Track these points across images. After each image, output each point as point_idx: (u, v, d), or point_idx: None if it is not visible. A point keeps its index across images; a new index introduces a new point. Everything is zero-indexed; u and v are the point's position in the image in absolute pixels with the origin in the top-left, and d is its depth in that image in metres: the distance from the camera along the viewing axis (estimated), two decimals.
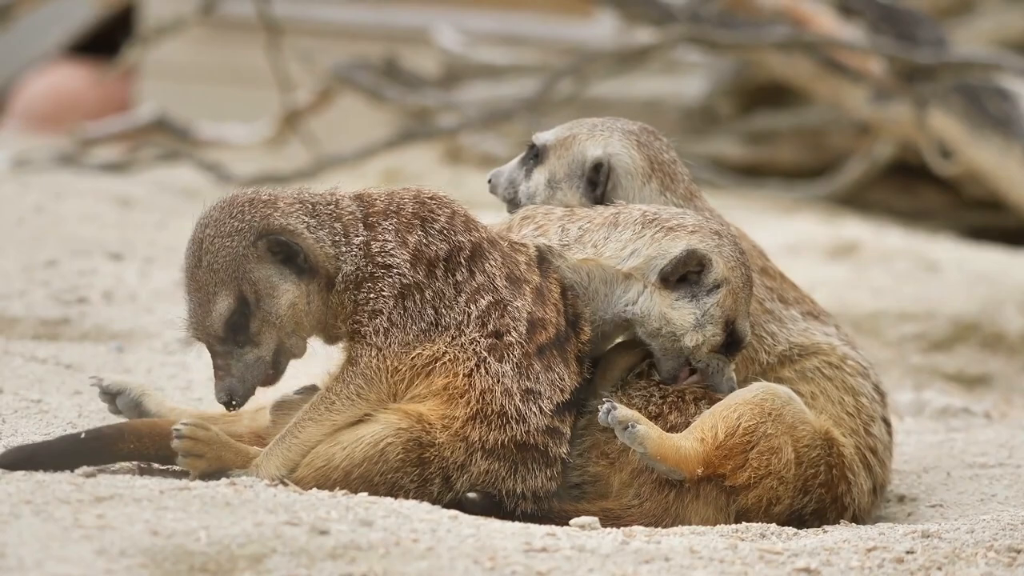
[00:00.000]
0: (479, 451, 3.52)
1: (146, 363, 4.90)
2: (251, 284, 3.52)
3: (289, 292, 3.54)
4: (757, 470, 3.66)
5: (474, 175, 9.46)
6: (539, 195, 3.93)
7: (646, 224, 3.75)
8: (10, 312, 5.43)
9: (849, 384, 3.91)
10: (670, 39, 7.32)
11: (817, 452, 3.75)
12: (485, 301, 3.60)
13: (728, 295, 3.70)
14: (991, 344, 6.51)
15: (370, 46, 11.45)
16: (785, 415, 3.71)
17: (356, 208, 3.63)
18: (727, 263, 3.70)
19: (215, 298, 3.52)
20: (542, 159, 3.95)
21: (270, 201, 3.58)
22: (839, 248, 7.96)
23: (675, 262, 3.69)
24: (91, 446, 3.57)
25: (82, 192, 8.41)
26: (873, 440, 3.89)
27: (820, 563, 3.16)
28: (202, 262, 3.54)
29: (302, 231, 3.55)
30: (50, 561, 2.76)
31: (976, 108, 6.92)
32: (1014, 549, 3.24)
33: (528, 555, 3.05)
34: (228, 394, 3.53)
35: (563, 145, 3.95)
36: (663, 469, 3.60)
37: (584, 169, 3.93)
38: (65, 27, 14.52)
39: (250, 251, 3.52)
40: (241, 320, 3.53)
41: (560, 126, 4.00)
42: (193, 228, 3.59)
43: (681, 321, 3.70)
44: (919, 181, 10.07)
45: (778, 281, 3.99)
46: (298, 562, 2.90)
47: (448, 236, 3.63)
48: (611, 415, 3.56)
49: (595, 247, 3.75)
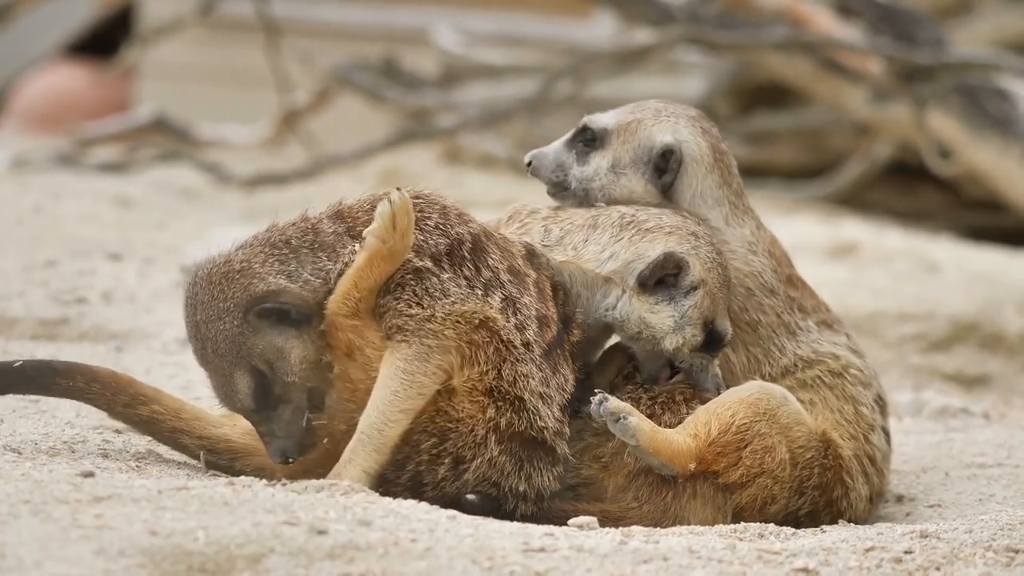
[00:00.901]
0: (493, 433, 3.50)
1: (145, 363, 4.90)
2: (258, 356, 3.51)
3: (295, 348, 3.52)
4: (750, 468, 3.65)
5: (473, 175, 9.47)
6: (598, 180, 3.86)
7: (624, 226, 3.73)
8: (9, 312, 5.43)
9: (849, 393, 3.88)
10: (669, 39, 7.32)
11: (812, 454, 3.74)
12: (498, 296, 3.57)
13: (706, 296, 3.69)
14: (990, 344, 6.51)
15: (369, 46, 11.45)
16: (780, 415, 3.70)
17: (338, 227, 3.60)
18: (704, 264, 3.69)
19: (232, 378, 3.52)
20: (603, 143, 3.87)
21: (245, 268, 3.53)
22: (838, 248, 7.96)
23: (652, 265, 3.67)
24: (31, 374, 3.58)
25: (81, 192, 8.41)
26: (872, 448, 3.87)
27: (818, 563, 3.16)
28: (206, 347, 3.53)
29: (284, 285, 3.52)
30: (49, 561, 2.76)
31: (975, 108, 6.92)
32: (1012, 549, 3.24)
33: (526, 555, 3.04)
34: (282, 455, 3.53)
35: (627, 130, 3.87)
36: (655, 463, 3.59)
37: (651, 155, 3.86)
38: (64, 27, 14.52)
39: (244, 328, 3.50)
40: (264, 389, 3.52)
41: (618, 109, 3.92)
42: (184, 306, 3.58)
43: (660, 325, 3.68)
44: (918, 181, 10.07)
45: (800, 290, 3.95)
46: (296, 562, 2.90)
47: (445, 230, 3.60)
48: (603, 407, 3.55)
49: (575, 249, 3.73)
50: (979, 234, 9.65)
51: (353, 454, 3.48)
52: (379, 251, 3.51)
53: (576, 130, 3.91)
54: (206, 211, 8.82)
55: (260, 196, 9.28)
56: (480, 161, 10.46)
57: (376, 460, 3.47)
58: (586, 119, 3.91)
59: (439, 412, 3.50)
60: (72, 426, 3.87)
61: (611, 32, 11.61)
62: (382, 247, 3.50)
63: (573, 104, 8.71)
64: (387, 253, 3.51)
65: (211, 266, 3.56)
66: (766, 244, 3.94)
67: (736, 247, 3.87)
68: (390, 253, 3.51)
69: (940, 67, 6.85)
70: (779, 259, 3.94)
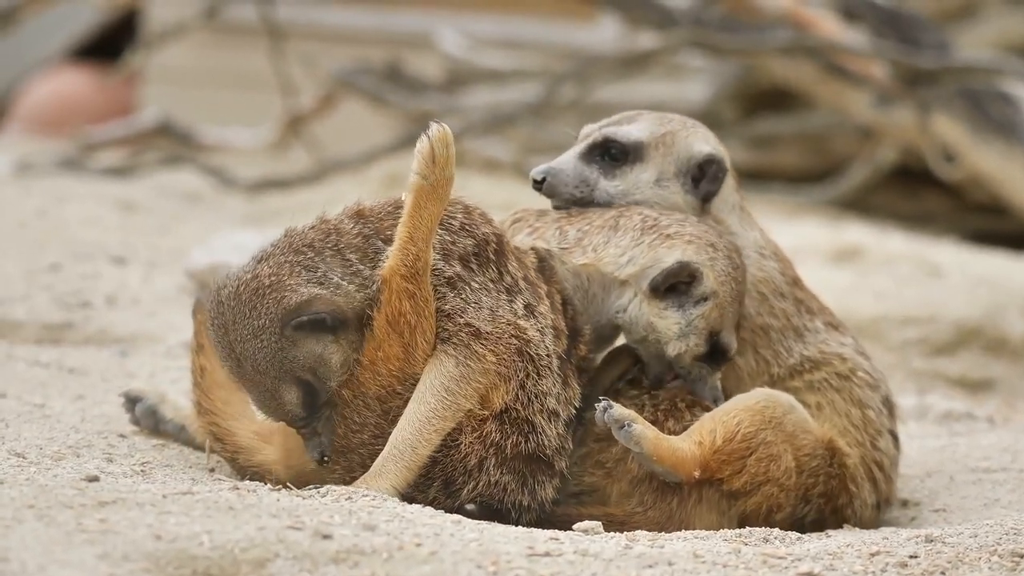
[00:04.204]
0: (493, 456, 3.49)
1: (149, 367, 4.90)
2: (301, 367, 3.45)
3: (335, 354, 3.46)
4: (755, 476, 3.64)
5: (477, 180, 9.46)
6: (639, 194, 3.79)
7: (645, 230, 3.71)
8: (13, 316, 5.44)
9: (857, 396, 3.86)
10: (673, 43, 7.32)
11: (818, 462, 3.73)
12: (520, 303, 3.55)
13: (715, 308, 3.67)
14: (994, 348, 6.51)
15: (373, 50, 11.46)
16: (785, 423, 3.69)
17: (363, 228, 3.53)
18: (718, 277, 3.68)
19: (279, 393, 3.47)
20: (639, 157, 3.79)
21: (275, 282, 3.45)
22: (842, 252, 7.96)
23: (665, 273, 3.65)
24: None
25: (85, 196, 8.42)
26: (879, 454, 3.86)
27: (823, 567, 3.16)
28: (244, 365, 3.46)
29: (316, 292, 3.45)
30: (53, 566, 2.76)
31: (979, 112, 6.91)
32: (1017, 554, 3.24)
33: (531, 559, 3.04)
34: (320, 452, 3.49)
35: (663, 142, 3.81)
36: (659, 470, 3.59)
37: (690, 166, 3.81)
38: (68, 32, 14.53)
39: (283, 343, 3.43)
40: (312, 397, 3.47)
41: (638, 123, 3.83)
42: (210, 325, 3.50)
43: (666, 330, 3.67)
44: (922, 185, 10.07)
45: (805, 292, 3.93)
46: (301, 566, 2.90)
47: (471, 231, 3.55)
48: (607, 413, 3.54)
49: (595, 251, 3.71)
50: (983, 238, 9.65)
51: (384, 467, 3.44)
52: (422, 189, 3.42)
53: (592, 144, 3.80)
54: (210, 215, 8.83)
55: (264, 200, 9.29)
56: (484, 165, 10.46)
57: (406, 478, 3.44)
58: (608, 132, 3.81)
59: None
60: (77, 430, 3.87)
61: (615, 36, 11.62)
62: (424, 184, 3.42)
63: (576, 108, 8.71)
64: (430, 189, 3.42)
65: (237, 284, 3.47)
66: (773, 247, 3.94)
67: (749, 252, 3.86)
68: (433, 189, 3.42)
69: (944, 71, 6.84)
70: (785, 262, 3.94)
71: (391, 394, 3.47)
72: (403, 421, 3.44)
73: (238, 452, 3.69)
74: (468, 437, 3.46)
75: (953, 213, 10.16)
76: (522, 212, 3.85)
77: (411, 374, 3.46)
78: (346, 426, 3.49)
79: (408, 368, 3.46)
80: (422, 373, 3.45)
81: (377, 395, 3.47)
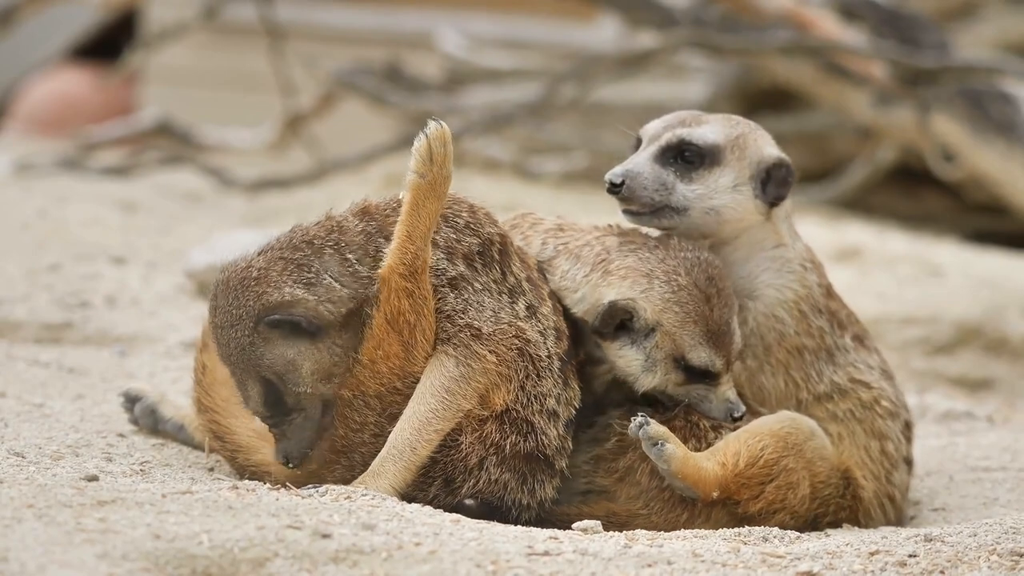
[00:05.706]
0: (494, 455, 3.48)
1: (148, 367, 4.90)
2: (268, 368, 3.45)
3: (307, 360, 3.45)
4: (772, 503, 3.63)
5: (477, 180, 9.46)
6: (717, 199, 3.71)
7: (595, 265, 3.64)
8: (13, 316, 5.44)
9: (878, 428, 3.81)
10: (672, 43, 7.32)
11: (831, 490, 3.72)
12: (523, 304, 3.55)
13: (664, 336, 3.59)
14: (994, 348, 6.51)
15: (373, 50, 11.45)
16: (806, 450, 3.67)
17: (367, 225, 3.52)
18: (655, 306, 3.58)
19: (246, 385, 3.48)
20: (716, 160, 3.71)
21: (262, 275, 3.45)
22: (842, 252, 7.96)
23: (601, 318, 3.58)
24: None
25: (85, 196, 8.42)
26: (892, 488, 3.83)
27: (823, 567, 3.16)
28: (222, 351, 3.49)
29: (300, 295, 3.44)
30: (53, 565, 2.76)
31: (979, 112, 6.91)
32: (1017, 553, 3.24)
33: (530, 559, 3.04)
34: (284, 456, 3.49)
35: (738, 145, 3.74)
36: (680, 486, 3.58)
37: (758, 170, 3.76)
38: (68, 32, 14.53)
39: (254, 338, 3.44)
40: (275, 397, 3.47)
41: (711, 124, 3.75)
42: (208, 308, 3.54)
43: (629, 368, 3.62)
44: (922, 185, 10.06)
45: (835, 300, 3.86)
46: (300, 566, 2.90)
47: (476, 230, 3.55)
48: (643, 430, 3.51)
49: (561, 278, 3.66)
50: (983, 238, 9.65)
51: (383, 467, 3.44)
52: (420, 187, 3.42)
53: (666, 145, 3.71)
54: (210, 215, 8.83)
55: (264, 200, 9.29)
56: (484, 165, 10.45)
57: (404, 478, 3.44)
58: (682, 134, 3.71)
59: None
60: (76, 430, 3.87)
61: (615, 36, 11.62)
62: (422, 182, 3.42)
63: (576, 108, 8.71)
64: (428, 187, 3.41)
65: (232, 270, 3.50)
66: (811, 255, 3.87)
67: (795, 265, 3.79)
68: (431, 187, 3.42)
69: (944, 71, 6.84)
70: (820, 268, 3.86)
71: (391, 392, 3.46)
72: (403, 421, 3.44)
73: (237, 450, 3.69)
74: (468, 437, 3.46)
75: (953, 213, 10.16)
76: (519, 218, 3.82)
77: (411, 372, 3.46)
78: (346, 426, 3.48)
79: (408, 366, 3.45)
80: (422, 372, 3.45)
81: (377, 394, 3.47)
